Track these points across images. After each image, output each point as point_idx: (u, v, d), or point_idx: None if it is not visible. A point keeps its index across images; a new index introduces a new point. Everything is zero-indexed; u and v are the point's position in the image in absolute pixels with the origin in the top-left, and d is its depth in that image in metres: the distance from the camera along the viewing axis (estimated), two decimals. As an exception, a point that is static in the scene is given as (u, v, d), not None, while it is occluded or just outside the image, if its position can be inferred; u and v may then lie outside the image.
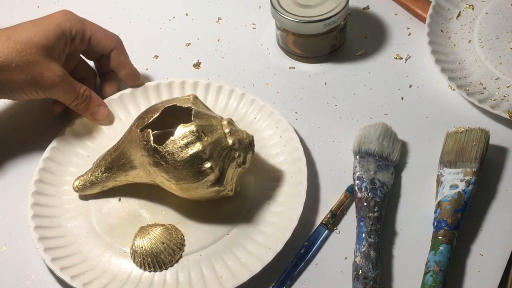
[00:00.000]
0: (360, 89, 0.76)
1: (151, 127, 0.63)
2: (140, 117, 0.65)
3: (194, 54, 0.81)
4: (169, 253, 0.63)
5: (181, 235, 0.65)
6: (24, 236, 0.66)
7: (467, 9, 0.82)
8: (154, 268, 0.63)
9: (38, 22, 0.68)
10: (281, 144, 0.70)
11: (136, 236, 0.64)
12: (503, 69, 0.75)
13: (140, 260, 0.63)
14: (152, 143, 0.61)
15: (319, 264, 0.63)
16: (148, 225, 0.65)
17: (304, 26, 0.74)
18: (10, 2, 0.89)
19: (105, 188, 0.67)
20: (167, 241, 0.63)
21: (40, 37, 0.67)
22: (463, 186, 0.64)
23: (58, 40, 0.68)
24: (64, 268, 0.62)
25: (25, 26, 0.67)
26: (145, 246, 0.63)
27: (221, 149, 0.62)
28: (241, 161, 0.63)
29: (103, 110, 0.72)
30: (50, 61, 0.67)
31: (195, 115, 0.62)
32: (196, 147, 0.60)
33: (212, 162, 0.61)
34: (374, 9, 0.85)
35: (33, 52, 0.66)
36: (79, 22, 0.70)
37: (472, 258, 0.62)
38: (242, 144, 0.63)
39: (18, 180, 0.70)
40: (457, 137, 0.68)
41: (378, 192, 0.65)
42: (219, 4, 0.87)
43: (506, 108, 0.70)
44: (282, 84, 0.77)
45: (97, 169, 0.67)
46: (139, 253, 0.63)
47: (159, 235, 0.64)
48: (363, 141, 0.68)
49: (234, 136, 0.63)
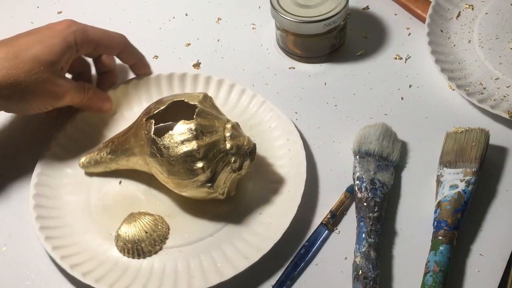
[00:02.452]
0: (360, 89, 0.76)
1: (158, 118, 0.64)
2: (149, 107, 0.66)
3: (194, 54, 0.81)
4: (150, 243, 0.64)
5: (166, 228, 0.65)
6: (24, 236, 0.66)
7: (467, 9, 0.82)
8: (133, 255, 0.63)
9: (43, 37, 0.67)
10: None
11: (124, 221, 0.65)
12: (503, 69, 0.75)
13: (122, 244, 0.64)
14: (151, 134, 0.62)
15: (319, 264, 0.63)
16: (139, 213, 0.66)
17: (304, 26, 0.74)
18: (10, 2, 0.89)
19: (107, 169, 0.69)
20: (150, 231, 0.64)
21: (46, 53, 0.66)
22: (463, 186, 0.64)
23: (63, 54, 0.67)
24: (49, 237, 0.63)
25: (30, 41, 0.66)
26: (129, 232, 0.64)
27: (217, 151, 0.62)
28: (237, 167, 0.63)
29: (107, 104, 0.73)
30: (58, 76, 0.67)
31: (198, 114, 0.62)
32: (191, 145, 0.60)
33: (204, 162, 0.61)
34: (374, 9, 0.85)
35: (41, 70, 0.65)
36: (84, 32, 0.69)
37: (472, 258, 0.62)
38: (241, 150, 0.63)
39: (18, 180, 0.70)
40: (457, 137, 0.68)
41: (378, 192, 0.65)
42: (219, 4, 0.87)
43: (506, 108, 0.70)
44: (282, 84, 0.77)
45: (104, 150, 0.68)
46: (122, 238, 0.64)
47: (145, 224, 0.64)
48: (363, 141, 0.68)
49: (233, 141, 0.62)
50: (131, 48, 0.75)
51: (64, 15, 0.87)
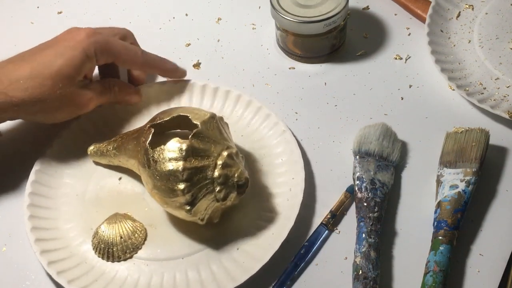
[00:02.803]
0: (360, 89, 0.76)
1: (163, 126, 0.63)
2: (156, 115, 0.65)
3: (194, 55, 0.81)
4: (122, 249, 0.64)
5: (142, 238, 0.65)
6: (24, 236, 0.66)
7: (467, 9, 0.82)
8: (103, 257, 0.64)
9: (63, 49, 0.66)
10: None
11: (107, 219, 0.65)
12: (503, 69, 0.75)
13: (96, 242, 0.64)
14: (147, 143, 0.62)
15: (319, 264, 0.63)
16: (123, 215, 0.66)
17: (304, 26, 0.74)
18: (10, 2, 0.89)
19: (111, 163, 0.69)
20: (126, 237, 0.64)
21: (68, 66, 0.65)
22: (463, 186, 0.64)
23: (83, 66, 0.67)
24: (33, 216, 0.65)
25: (51, 55, 0.66)
26: (106, 232, 0.64)
27: (202, 177, 0.60)
28: (221, 197, 0.61)
29: (134, 97, 0.73)
30: (80, 87, 0.67)
31: (194, 135, 0.60)
32: (177, 165, 0.59)
33: (186, 185, 0.59)
34: (374, 9, 0.85)
35: (64, 85, 0.65)
36: (104, 44, 0.68)
37: (472, 258, 0.62)
38: (229, 181, 0.61)
39: (18, 180, 0.70)
40: (457, 137, 0.68)
41: (378, 192, 0.65)
42: (219, 4, 0.87)
43: (506, 108, 0.70)
44: (282, 84, 0.77)
45: (111, 144, 0.68)
46: (99, 236, 0.64)
47: (124, 229, 0.64)
48: (363, 141, 0.68)
49: (223, 170, 0.61)
50: (149, 62, 0.73)
51: (64, 15, 0.87)
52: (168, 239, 0.65)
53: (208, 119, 0.62)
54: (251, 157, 0.70)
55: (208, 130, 0.62)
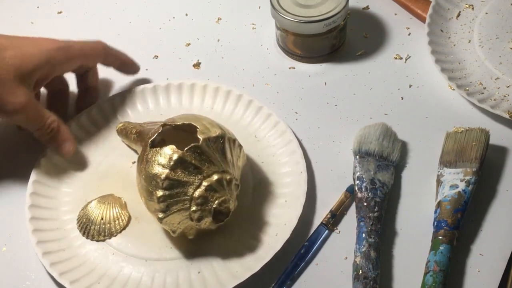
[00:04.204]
0: (360, 89, 0.76)
1: (179, 127, 0.63)
2: (176, 116, 0.65)
3: (194, 54, 0.81)
4: (97, 231, 0.65)
5: (121, 227, 0.66)
6: (24, 236, 0.66)
7: (467, 9, 0.82)
8: (80, 230, 0.65)
9: (21, 44, 0.65)
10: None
11: (100, 198, 0.67)
12: (503, 69, 0.75)
13: (81, 215, 0.66)
14: (150, 141, 0.61)
15: (319, 264, 0.63)
16: (117, 198, 0.67)
17: (304, 26, 0.74)
18: (10, 2, 0.89)
19: (131, 146, 0.70)
20: (106, 221, 0.65)
21: (16, 58, 0.63)
22: (463, 186, 0.64)
23: (36, 68, 0.64)
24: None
25: (7, 44, 0.64)
26: (92, 209, 0.66)
27: (181, 192, 0.59)
28: (195, 218, 0.60)
29: (68, 146, 0.68)
30: (18, 86, 0.62)
31: (190, 149, 0.59)
32: (161, 172, 0.58)
33: (163, 194, 0.58)
34: (374, 9, 0.85)
35: (3, 70, 0.61)
36: (67, 48, 0.67)
37: (472, 258, 0.62)
38: (208, 205, 0.59)
39: (18, 179, 0.70)
40: (457, 137, 0.68)
41: (378, 192, 0.65)
42: (219, 4, 0.87)
43: (506, 108, 0.70)
44: (282, 84, 0.77)
45: (137, 128, 0.69)
46: (85, 210, 0.66)
47: (108, 212, 0.66)
48: (363, 141, 0.68)
49: (206, 193, 0.59)
50: (112, 51, 0.73)
51: (64, 15, 0.87)
52: (145, 237, 0.65)
53: (214, 138, 0.60)
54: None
55: (209, 148, 0.60)
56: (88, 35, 0.75)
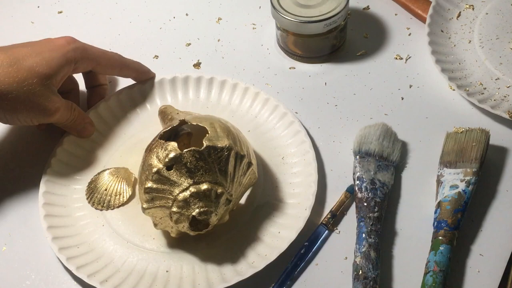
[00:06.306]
0: (360, 89, 0.76)
1: (191, 124, 0.64)
2: (196, 115, 0.65)
3: (194, 54, 0.81)
4: (98, 200, 0.67)
5: (121, 202, 0.67)
6: (24, 236, 0.66)
7: (467, 9, 0.82)
8: (86, 194, 0.67)
9: (42, 50, 0.65)
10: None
11: (114, 168, 0.69)
12: (503, 69, 0.75)
13: (92, 180, 0.68)
14: (163, 131, 0.62)
15: (319, 264, 0.63)
16: (129, 175, 0.68)
17: (304, 26, 0.74)
18: (10, 2, 0.89)
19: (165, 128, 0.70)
20: (108, 193, 0.67)
21: (42, 66, 0.64)
22: (463, 186, 0.64)
23: (61, 69, 0.66)
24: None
25: (27, 51, 0.64)
26: (103, 178, 0.68)
27: (167, 191, 0.59)
28: (174, 219, 0.59)
29: (89, 128, 0.71)
30: (50, 91, 0.65)
31: (190, 151, 0.59)
32: (156, 164, 0.59)
33: (150, 186, 0.59)
34: (374, 9, 0.85)
35: (34, 82, 0.63)
36: (84, 50, 0.68)
37: (472, 258, 0.62)
38: (187, 211, 0.59)
39: (18, 180, 0.70)
40: (457, 137, 0.68)
41: (378, 192, 0.65)
42: (219, 4, 0.87)
43: (506, 108, 0.70)
44: (282, 84, 0.77)
45: (173, 114, 0.69)
46: (98, 177, 0.68)
47: (115, 185, 0.67)
48: (363, 141, 0.68)
49: (190, 199, 0.59)
50: (128, 64, 0.74)
51: (64, 15, 0.87)
52: (140, 221, 0.65)
53: (218, 148, 0.59)
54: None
55: (209, 156, 0.59)
56: (88, 35, 0.75)
